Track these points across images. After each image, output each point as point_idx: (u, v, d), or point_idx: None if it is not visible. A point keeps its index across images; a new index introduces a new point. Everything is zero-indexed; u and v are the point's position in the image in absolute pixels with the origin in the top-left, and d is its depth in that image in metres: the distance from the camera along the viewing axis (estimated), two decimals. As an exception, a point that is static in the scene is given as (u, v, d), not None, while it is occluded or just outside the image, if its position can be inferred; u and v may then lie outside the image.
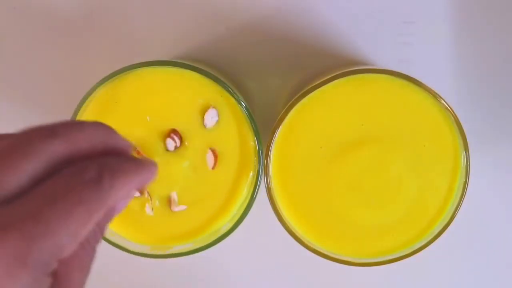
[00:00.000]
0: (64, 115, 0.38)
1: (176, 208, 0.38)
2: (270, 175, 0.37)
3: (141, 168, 0.22)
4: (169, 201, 0.38)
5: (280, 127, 0.36)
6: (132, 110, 0.37)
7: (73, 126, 0.21)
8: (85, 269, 0.22)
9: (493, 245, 0.45)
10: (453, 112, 0.36)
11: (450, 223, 0.36)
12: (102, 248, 0.37)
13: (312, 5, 0.42)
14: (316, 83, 0.36)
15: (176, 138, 0.37)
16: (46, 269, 0.19)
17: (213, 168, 0.37)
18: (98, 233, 0.23)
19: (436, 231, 0.37)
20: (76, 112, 0.36)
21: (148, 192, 0.38)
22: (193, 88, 0.37)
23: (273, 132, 0.36)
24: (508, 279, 0.45)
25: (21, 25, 0.43)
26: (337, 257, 0.37)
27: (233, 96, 0.36)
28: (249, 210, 0.37)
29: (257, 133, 0.37)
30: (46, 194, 0.19)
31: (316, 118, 0.37)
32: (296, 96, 0.36)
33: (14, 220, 0.18)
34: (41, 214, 0.19)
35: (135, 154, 0.37)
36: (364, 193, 0.37)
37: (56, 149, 0.20)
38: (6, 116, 0.44)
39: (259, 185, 0.37)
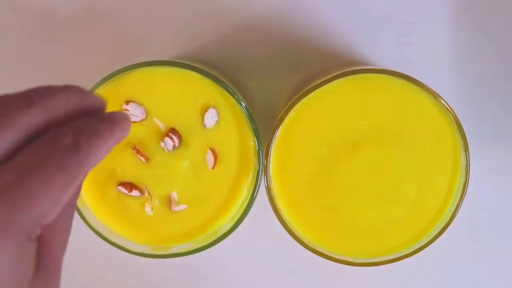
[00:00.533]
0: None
1: (176, 208, 0.38)
2: (270, 175, 0.37)
3: (116, 127, 0.23)
4: (169, 201, 0.38)
5: (280, 127, 0.36)
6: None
7: (48, 92, 0.21)
8: (67, 229, 0.22)
9: (493, 245, 0.45)
10: (453, 112, 0.36)
11: (450, 223, 0.36)
12: (102, 248, 0.37)
13: (312, 5, 0.42)
14: (316, 83, 0.36)
15: (174, 137, 0.37)
16: (31, 236, 0.19)
17: (213, 168, 0.37)
18: (75, 193, 0.23)
19: (436, 231, 0.37)
20: (76, 112, 0.36)
21: (148, 192, 0.38)
22: (193, 88, 0.37)
23: (273, 132, 0.36)
24: (508, 279, 0.45)
25: (21, 25, 0.43)
26: (337, 257, 0.37)
27: (233, 96, 0.36)
28: (249, 210, 0.37)
29: (257, 133, 0.37)
30: (25, 163, 0.19)
31: (316, 118, 0.37)
32: (296, 96, 0.36)
33: None
34: (22, 182, 0.19)
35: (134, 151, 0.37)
36: (364, 193, 0.37)
37: (34, 118, 0.20)
38: (6, 116, 0.44)
39: (259, 185, 0.37)
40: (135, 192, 0.37)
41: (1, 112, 0.20)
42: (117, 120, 0.23)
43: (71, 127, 0.21)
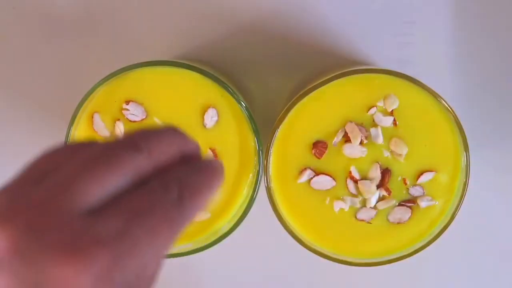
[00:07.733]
0: (64, 115, 0.38)
1: (176, 208, 0.38)
2: (270, 175, 0.37)
3: (215, 181, 0.22)
4: (169, 201, 0.38)
5: (280, 127, 0.36)
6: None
7: (152, 138, 0.21)
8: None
9: (493, 245, 0.45)
10: (453, 112, 0.36)
11: (450, 223, 0.36)
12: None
13: (312, 5, 0.42)
14: (316, 83, 0.36)
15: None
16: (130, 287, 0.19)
17: (213, 168, 0.37)
18: None
19: (436, 231, 0.37)
20: (76, 112, 0.36)
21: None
22: (193, 88, 0.37)
23: (273, 132, 0.36)
24: (508, 279, 0.45)
25: (21, 25, 0.43)
26: (337, 257, 0.37)
27: (233, 96, 0.36)
28: (249, 210, 0.37)
29: (257, 133, 0.37)
30: (132, 209, 0.19)
31: (316, 118, 0.37)
32: (296, 96, 0.36)
33: (103, 235, 0.18)
34: (128, 230, 0.19)
35: None
36: (364, 193, 0.37)
37: (139, 163, 0.20)
38: (6, 116, 0.44)
39: (259, 185, 0.37)
40: (135, 192, 0.37)
41: (111, 156, 0.19)
42: (216, 172, 0.23)
43: (174, 178, 0.21)
